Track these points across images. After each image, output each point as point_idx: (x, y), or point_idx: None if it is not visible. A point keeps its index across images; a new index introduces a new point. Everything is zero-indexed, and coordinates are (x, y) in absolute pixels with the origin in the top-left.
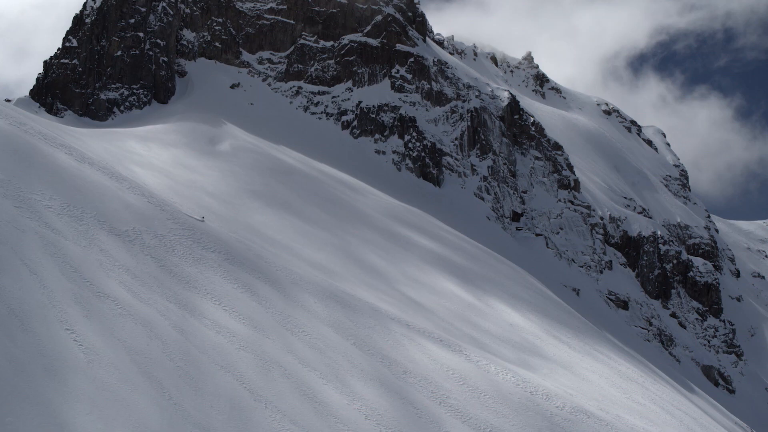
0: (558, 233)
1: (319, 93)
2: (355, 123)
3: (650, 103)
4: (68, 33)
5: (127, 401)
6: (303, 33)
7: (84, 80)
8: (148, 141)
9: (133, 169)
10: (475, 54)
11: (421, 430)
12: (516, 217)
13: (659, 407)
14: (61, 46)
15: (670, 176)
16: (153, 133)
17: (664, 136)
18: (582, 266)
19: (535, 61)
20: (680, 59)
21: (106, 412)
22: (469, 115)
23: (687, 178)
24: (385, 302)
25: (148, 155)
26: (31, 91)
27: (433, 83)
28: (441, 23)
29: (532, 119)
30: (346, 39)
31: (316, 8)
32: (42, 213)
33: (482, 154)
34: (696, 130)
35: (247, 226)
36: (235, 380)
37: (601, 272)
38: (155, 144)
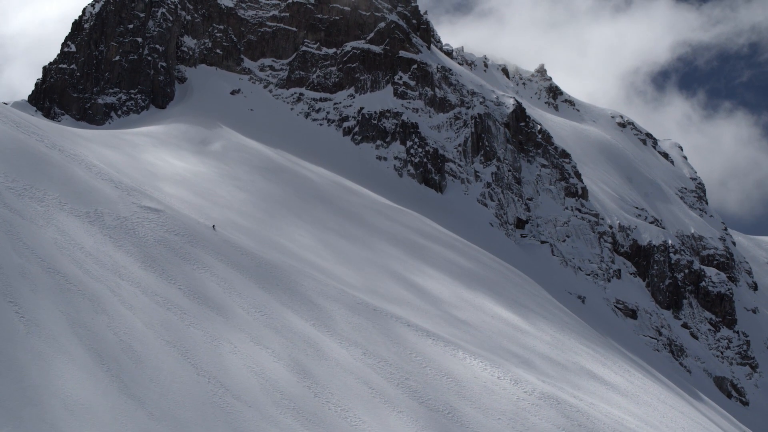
0: (564, 241)
1: (320, 99)
2: (356, 129)
3: (676, 122)
4: (67, 38)
5: (61, 372)
6: (305, 40)
7: (82, 85)
8: (135, 140)
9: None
10: (486, 65)
11: None
12: (520, 224)
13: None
14: (59, 52)
15: (685, 188)
16: (144, 133)
17: (681, 150)
18: (589, 274)
19: (553, 76)
20: (703, 75)
21: (37, 382)
22: (473, 121)
23: (704, 191)
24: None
25: (132, 151)
26: (30, 96)
27: (437, 90)
28: (454, 36)
29: (539, 127)
30: (348, 46)
31: (319, 16)
32: (2, 193)
33: (486, 161)
34: (723, 149)
35: (234, 222)
36: (180, 354)
37: (609, 281)
38: (143, 142)
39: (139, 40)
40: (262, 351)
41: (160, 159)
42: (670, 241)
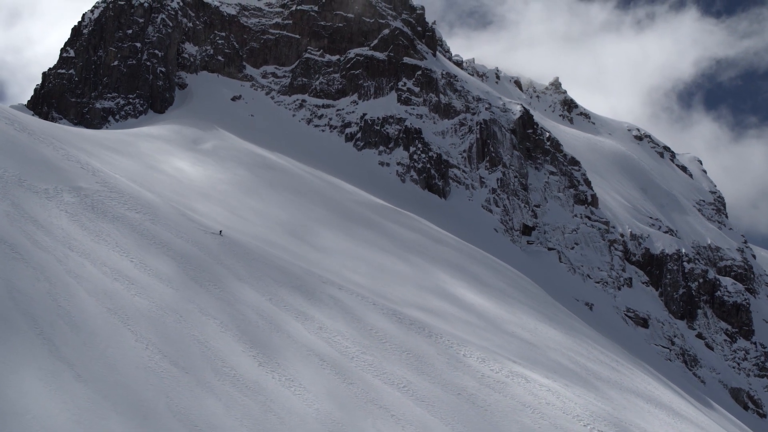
0: (573, 248)
1: (323, 106)
2: (359, 135)
3: (705, 142)
4: (66, 44)
5: None
6: (308, 47)
7: (80, 90)
8: (122, 138)
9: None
10: (498, 77)
11: None
12: (527, 230)
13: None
14: (58, 57)
15: (703, 201)
16: (132, 133)
17: (701, 163)
18: (598, 282)
19: (575, 93)
20: (728, 90)
21: None
22: (479, 127)
23: (723, 205)
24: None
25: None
26: (29, 101)
27: (441, 96)
28: (471, 50)
29: (547, 134)
30: (352, 53)
31: (322, 23)
32: None
33: (491, 167)
34: (753, 169)
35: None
36: (120, 321)
37: (619, 289)
38: (131, 140)
39: (138, 45)
40: (210, 321)
41: (146, 154)
42: (683, 250)
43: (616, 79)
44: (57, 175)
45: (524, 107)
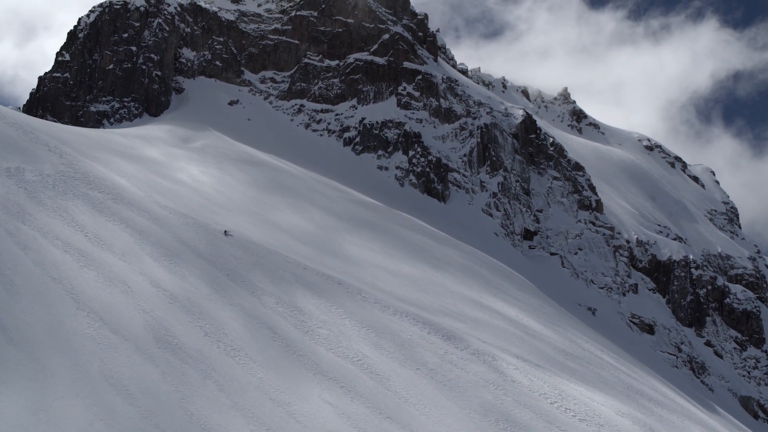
0: (576, 254)
1: (322, 111)
2: (357, 139)
3: (726, 160)
4: (62, 48)
5: None
6: (308, 53)
7: (75, 93)
8: (109, 137)
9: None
10: (504, 87)
11: None
12: (529, 235)
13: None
14: (54, 61)
15: (715, 210)
16: (121, 133)
17: (713, 174)
18: (602, 288)
19: (590, 108)
20: (748, 104)
21: None
22: (479, 131)
23: (737, 215)
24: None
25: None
26: (24, 105)
27: (442, 100)
28: (481, 62)
29: (551, 140)
30: (351, 58)
31: (321, 28)
32: None
33: (492, 171)
34: None
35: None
36: (64, 290)
37: (624, 295)
38: (118, 138)
39: (134, 49)
40: (159, 292)
41: (132, 149)
42: (691, 256)
43: (631, 91)
44: (21, 155)
45: (526, 112)
